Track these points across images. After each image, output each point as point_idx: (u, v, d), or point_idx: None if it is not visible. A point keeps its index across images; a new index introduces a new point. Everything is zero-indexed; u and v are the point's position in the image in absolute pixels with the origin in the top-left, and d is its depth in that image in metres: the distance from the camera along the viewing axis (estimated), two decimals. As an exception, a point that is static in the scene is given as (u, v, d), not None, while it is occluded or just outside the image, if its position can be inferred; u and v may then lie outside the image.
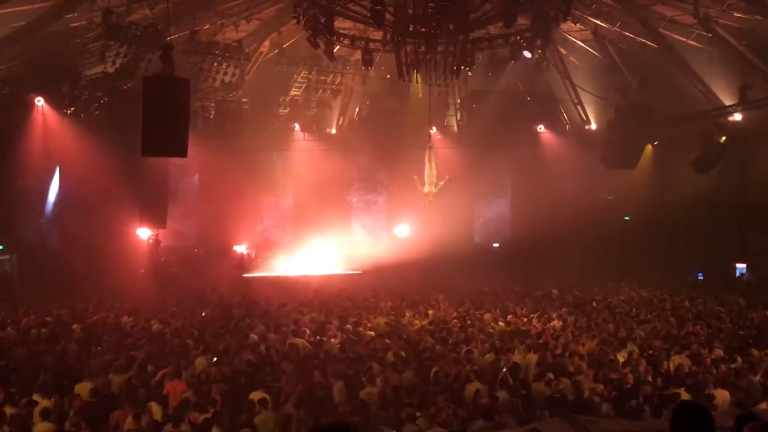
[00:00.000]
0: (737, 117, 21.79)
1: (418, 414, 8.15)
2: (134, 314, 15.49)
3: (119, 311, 16.06)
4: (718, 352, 11.45)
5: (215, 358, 11.12)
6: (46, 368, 10.39)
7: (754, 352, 11.36)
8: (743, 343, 12.33)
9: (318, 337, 13.15)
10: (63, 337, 12.96)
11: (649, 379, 9.84)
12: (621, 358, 11.05)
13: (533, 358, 11.16)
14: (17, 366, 10.66)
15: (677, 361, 10.86)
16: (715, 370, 10.21)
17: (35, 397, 8.80)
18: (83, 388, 9.30)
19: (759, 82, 20.68)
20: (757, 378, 9.88)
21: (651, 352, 11.58)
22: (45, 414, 8.20)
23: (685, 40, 21.96)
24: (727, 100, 21.79)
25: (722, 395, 8.90)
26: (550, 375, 9.78)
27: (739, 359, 10.74)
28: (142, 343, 12.50)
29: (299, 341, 12.39)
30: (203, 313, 16.31)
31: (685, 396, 8.81)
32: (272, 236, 29.98)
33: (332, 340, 12.84)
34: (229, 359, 11.08)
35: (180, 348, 11.96)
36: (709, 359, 10.86)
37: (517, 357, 11.08)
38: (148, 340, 12.84)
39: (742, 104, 20.96)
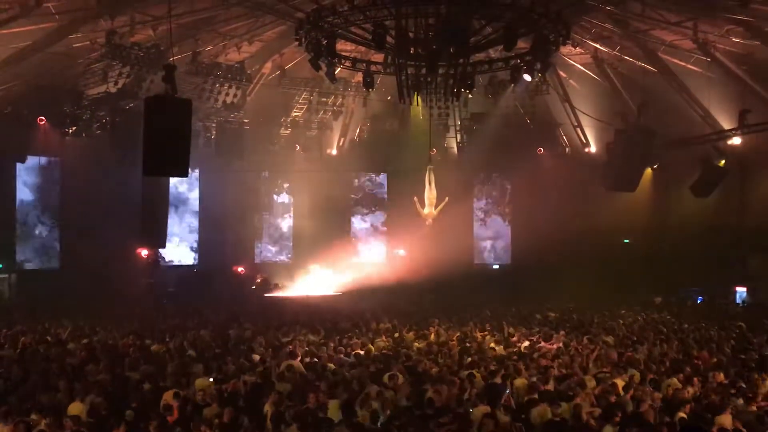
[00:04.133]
0: (736, 141, 21.88)
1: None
2: (133, 334, 15.41)
3: (118, 331, 15.97)
4: (720, 377, 11.37)
5: (212, 379, 11.04)
6: (43, 388, 10.32)
7: (756, 376, 11.28)
8: (745, 367, 12.24)
9: (315, 359, 13.07)
10: (61, 356, 12.88)
11: (650, 403, 9.75)
12: (621, 382, 10.97)
13: (533, 381, 11.08)
14: (14, 385, 10.58)
15: (678, 385, 10.78)
16: (716, 395, 10.13)
17: (32, 416, 8.72)
18: (79, 408, 9.21)
19: (758, 107, 20.79)
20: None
21: (652, 376, 11.49)
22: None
23: (684, 64, 22.13)
24: (726, 124, 21.89)
25: (724, 421, 8.83)
26: (550, 398, 9.71)
27: (742, 384, 10.66)
28: (139, 363, 12.41)
29: (296, 363, 12.31)
30: (201, 332, 16.20)
31: (686, 421, 8.73)
32: (271, 257, 30.07)
33: (329, 363, 12.74)
34: (227, 380, 10.99)
35: (177, 368, 11.88)
36: (710, 384, 10.78)
37: (517, 380, 11.01)
38: (146, 360, 12.75)
39: (741, 128, 21.05)
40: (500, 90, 25.21)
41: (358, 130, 29.70)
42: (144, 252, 25.77)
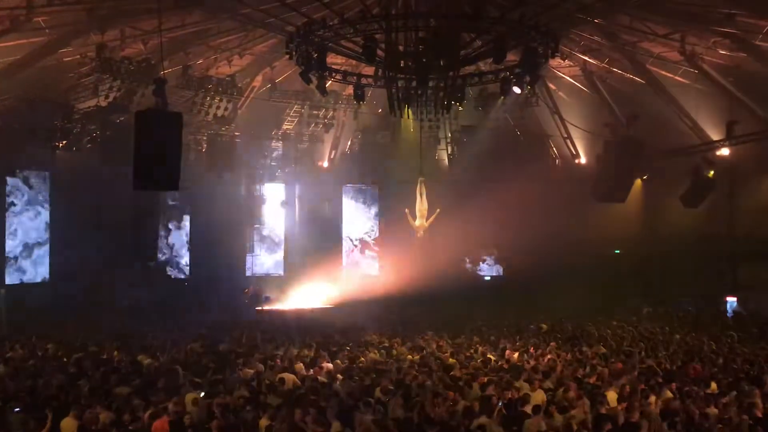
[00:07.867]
0: (725, 152, 22.07)
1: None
2: (123, 348, 15.32)
3: (108, 345, 15.87)
4: (712, 388, 11.41)
5: (202, 393, 10.97)
6: (35, 403, 10.22)
7: (747, 387, 11.32)
8: (736, 378, 12.29)
9: (308, 372, 13.03)
10: (51, 371, 12.78)
11: (642, 415, 9.76)
12: (613, 393, 10.98)
13: (526, 393, 11.08)
14: (4, 401, 10.48)
15: (670, 396, 10.80)
16: (708, 406, 10.15)
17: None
18: (70, 425, 9.14)
19: (745, 118, 20.99)
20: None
21: (643, 387, 11.52)
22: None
23: (672, 76, 22.31)
24: (715, 135, 22.08)
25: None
26: (542, 410, 9.71)
27: (733, 394, 10.69)
28: (129, 377, 12.33)
29: (288, 376, 12.27)
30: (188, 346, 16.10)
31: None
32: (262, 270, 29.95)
33: (319, 377, 12.69)
34: (219, 394, 10.93)
35: (168, 383, 11.80)
36: (702, 395, 10.81)
37: (510, 392, 11.01)
38: (136, 374, 12.67)
39: (729, 139, 21.25)
40: (490, 102, 25.32)
41: (349, 143, 29.75)
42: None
